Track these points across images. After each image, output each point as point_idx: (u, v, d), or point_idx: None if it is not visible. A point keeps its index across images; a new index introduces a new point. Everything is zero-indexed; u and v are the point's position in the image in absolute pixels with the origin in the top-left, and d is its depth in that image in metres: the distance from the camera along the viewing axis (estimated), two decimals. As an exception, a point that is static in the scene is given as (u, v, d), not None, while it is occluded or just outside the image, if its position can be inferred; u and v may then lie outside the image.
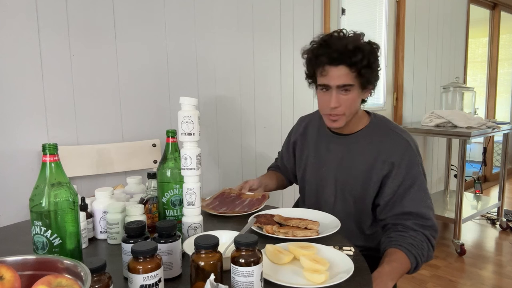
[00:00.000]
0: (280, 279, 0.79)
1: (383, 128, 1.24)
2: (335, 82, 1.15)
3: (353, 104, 1.18)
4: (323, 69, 1.15)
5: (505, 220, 3.14)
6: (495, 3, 4.28)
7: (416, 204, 1.15)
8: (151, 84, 1.76)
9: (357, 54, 1.11)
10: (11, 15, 1.39)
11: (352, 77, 1.14)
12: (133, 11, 1.67)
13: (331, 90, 1.17)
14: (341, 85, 1.15)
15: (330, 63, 1.13)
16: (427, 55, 3.37)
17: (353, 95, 1.17)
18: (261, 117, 2.18)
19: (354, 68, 1.13)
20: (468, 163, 4.06)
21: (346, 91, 1.16)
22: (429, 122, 2.91)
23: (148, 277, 0.67)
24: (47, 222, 0.74)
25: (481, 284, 2.27)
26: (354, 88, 1.16)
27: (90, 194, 1.21)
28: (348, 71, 1.13)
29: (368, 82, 1.18)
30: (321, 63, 1.15)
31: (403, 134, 1.22)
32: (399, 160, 1.17)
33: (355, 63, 1.12)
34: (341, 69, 1.13)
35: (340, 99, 1.16)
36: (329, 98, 1.17)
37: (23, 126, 1.45)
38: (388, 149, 1.19)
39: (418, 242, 1.11)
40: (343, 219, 1.19)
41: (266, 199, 1.31)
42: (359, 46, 1.13)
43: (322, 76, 1.17)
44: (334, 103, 1.16)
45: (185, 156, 0.96)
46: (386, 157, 1.18)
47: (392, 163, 1.17)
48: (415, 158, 1.18)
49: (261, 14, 2.12)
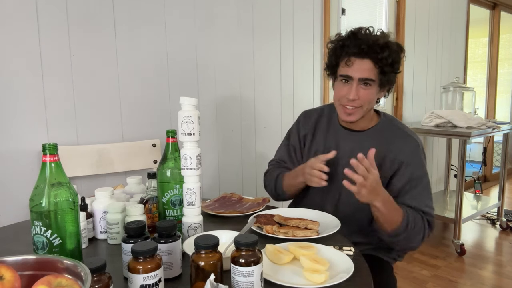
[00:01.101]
0: (280, 279, 0.79)
1: (393, 127, 1.26)
2: (358, 74, 1.16)
3: (371, 99, 1.20)
4: (349, 60, 1.17)
5: (505, 220, 3.14)
6: (495, 3, 4.28)
7: (417, 202, 1.17)
8: (151, 84, 1.76)
9: (384, 51, 1.14)
10: (11, 15, 1.39)
11: (375, 73, 1.17)
12: (133, 11, 1.67)
13: (352, 82, 1.18)
14: (363, 78, 1.17)
15: (357, 54, 1.16)
16: (427, 55, 3.37)
17: (372, 91, 1.19)
18: (261, 117, 2.18)
19: (379, 64, 1.15)
20: (468, 163, 4.06)
21: (366, 85, 1.18)
22: (429, 122, 2.91)
23: (148, 277, 0.67)
24: (47, 222, 0.74)
25: (481, 284, 2.27)
26: (374, 84, 1.18)
27: (90, 194, 1.21)
28: (373, 66, 1.16)
29: (387, 82, 1.21)
30: (348, 54, 1.17)
31: (413, 135, 1.24)
32: (408, 160, 1.19)
33: (381, 59, 1.14)
34: (366, 62, 1.16)
35: (360, 92, 1.18)
36: (349, 90, 1.18)
37: (23, 126, 1.45)
38: (398, 149, 1.21)
39: (415, 214, 1.14)
40: (347, 215, 1.21)
41: (266, 203, 1.31)
42: (388, 43, 1.16)
43: (346, 66, 1.18)
44: (353, 95, 1.17)
45: (185, 156, 0.96)
46: (395, 156, 1.20)
47: (401, 162, 1.19)
48: (422, 160, 1.21)
49: (261, 14, 2.12)
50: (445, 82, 3.49)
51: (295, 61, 2.29)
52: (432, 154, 3.55)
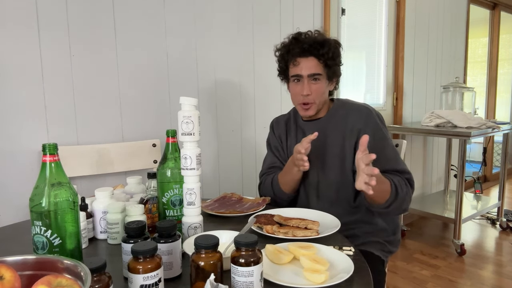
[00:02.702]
0: (280, 279, 0.79)
1: (346, 105, 1.39)
2: (306, 71, 1.30)
3: (322, 92, 1.33)
4: (295, 60, 1.31)
5: (505, 220, 3.14)
6: (495, 3, 4.28)
7: (391, 164, 1.23)
8: (151, 84, 1.76)
9: (324, 47, 1.28)
10: (11, 15, 1.39)
11: (321, 67, 1.30)
12: (133, 11, 1.67)
13: (302, 80, 1.31)
14: (311, 74, 1.30)
15: (302, 54, 1.30)
16: (427, 55, 3.37)
17: (321, 84, 1.31)
18: (261, 117, 2.18)
19: (322, 59, 1.29)
20: (468, 163, 4.07)
21: (316, 80, 1.31)
22: (429, 122, 2.91)
23: (148, 277, 0.67)
24: (47, 222, 0.74)
25: (481, 284, 2.27)
26: (322, 77, 1.31)
27: (90, 194, 1.21)
28: (317, 62, 1.29)
29: (333, 74, 1.34)
30: (293, 55, 1.31)
31: (365, 105, 1.36)
32: (364, 126, 1.28)
33: (322, 54, 1.28)
34: (311, 60, 1.30)
35: (311, 87, 1.31)
36: (302, 87, 1.31)
37: (23, 126, 1.45)
38: (353, 119, 1.31)
39: (397, 178, 1.20)
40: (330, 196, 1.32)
41: (266, 203, 1.31)
42: (326, 40, 1.31)
43: (294, 66, 1.32)
44: (306, 91, 1.30)
45: (185, 156, 0.96)
46: (352, 125, 1.30)
47: (359, 130, 1.28)
48: (378, 123, 1.30)
49: (261, 14, 2.12)
50: (445, 82, 3.49)
51: (295, 61, 2.29)
52: (432, 154, 3.56)
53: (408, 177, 1.24)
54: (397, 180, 1.18)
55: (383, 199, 1.16)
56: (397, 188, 1.16)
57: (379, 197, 1.15)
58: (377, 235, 1.33)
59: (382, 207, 1.18)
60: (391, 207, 1.17)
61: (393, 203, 1.17)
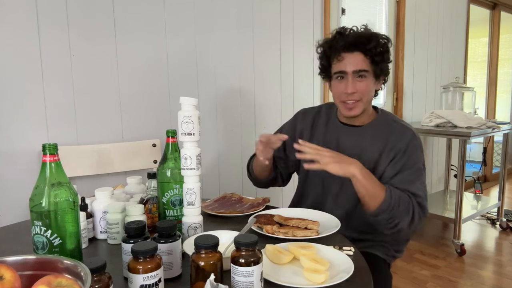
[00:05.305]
0: (280, 279, 0.79)
1: (390, 121, 1.29)
2: (351, 67, 1.19)
3: (368, 91, 1.23)
4: (339, 56, 1.20)
5: (505, 220, 3.14)
6: (495, 3, 4.28)
7: (407, 185, 1.16)
8: (151, 84, 1.76)
9: (371, 41, 1.19)
10: (11, 15, 1.39)
11: (367, 63, 1.20)
12: (133, 11, 1.67)
13: (347, 76, 1.21)
14: (356, 70, 1.19)
15: (346, 49, 1.19)
16: (427, 55, 3.37)
17: (367, 82, 1.21)
18: (261, 117, 2.18)
19: (369, 54, 1.19)
20: (468, 163, 4.06)
21: (361, 77, 1.21)
22: (429, 122, 2.91)
23: (148, 277, 0.67)
24: (47, 222, 0.74)
25: (481, 284, 2.27)
26: (368, 74, 1.21)
27: (90, 194, 1.21)
28: (363, 57, 1.19)
29: (381, 71, 1.24)
30: (338, 50, 1.21)
31: (409, 127, 1.27)
32: (404, 147, 1.21)
33: (369, 49, 1.18)
34: (357, 55, 1.19)
35: (356, 85, 1.20)
36: (346, 85, 1.21)
37: (23, 126, 1.45)
38: (396, 138, 1.23)
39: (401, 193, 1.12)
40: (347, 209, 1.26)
41: (266, 203, 1.31)
42: (374, 34, 1.22)
43: (338, 62, 1.21)
44: (351, 89, 1.20)
45: (185, 156, 0.96)
46: (393, 145, 1.22)
47: (398, 151, 1.21)
48: (417, 149, 1.22)
49: (261, 14, 2.12)
50: (445, 82, 3.49)
51: (295, 61, 2.29)
52: (432, 154, 3.55)
53: (420, 201, 1.14)
54: (397, 195, 1.11)
55: (374, 202, 1.10)
56: (392, 199, 1.09)
57: (369, 197, 1.10)
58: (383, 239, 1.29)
59: (371, 214, 1.12)
60: (380, 216, 1.10)
61: (384, 212, 1.09)
